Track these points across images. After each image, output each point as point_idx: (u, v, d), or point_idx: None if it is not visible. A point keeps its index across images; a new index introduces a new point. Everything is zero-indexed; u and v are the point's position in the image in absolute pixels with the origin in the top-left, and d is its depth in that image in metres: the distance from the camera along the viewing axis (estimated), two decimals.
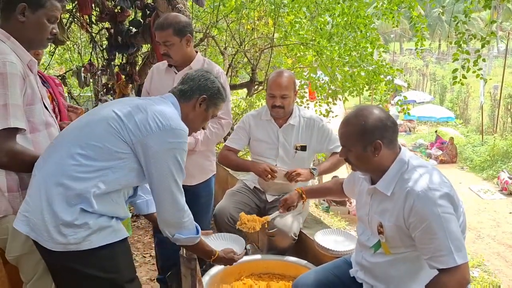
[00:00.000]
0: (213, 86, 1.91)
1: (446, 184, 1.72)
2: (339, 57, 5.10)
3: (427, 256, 1.65)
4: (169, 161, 1.68)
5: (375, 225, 1.84)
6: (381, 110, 1.81)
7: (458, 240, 1.62)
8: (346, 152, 1.82)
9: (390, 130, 1.76)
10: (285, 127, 2.92)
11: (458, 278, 1.60)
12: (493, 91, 18.48)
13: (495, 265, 7.92)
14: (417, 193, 1.66)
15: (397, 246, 1.79)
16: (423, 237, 1.64)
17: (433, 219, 1.61)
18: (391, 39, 35.68)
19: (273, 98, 2.81)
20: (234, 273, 2.72)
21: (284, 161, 2.93)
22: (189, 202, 2.79)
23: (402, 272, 1.83)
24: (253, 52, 5.71)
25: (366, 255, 1.94)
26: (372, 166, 1.79)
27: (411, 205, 1.66)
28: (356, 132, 1.75)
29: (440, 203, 1.63)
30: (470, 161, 14.62)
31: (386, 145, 1.75)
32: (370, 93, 6.26)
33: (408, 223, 1.69)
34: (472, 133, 17.33)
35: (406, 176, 1.73)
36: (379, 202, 1.83)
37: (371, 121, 1.74)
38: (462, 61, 4.55)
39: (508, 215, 10.44)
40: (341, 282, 2.05)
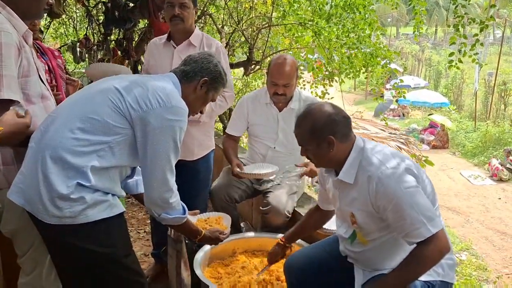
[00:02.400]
0: (216, 70, 1.91)
1: (403, 159, 1.77)
2: (337, 39, 5.07)
3: (403, 233, 1.69)
4: (166, 139, 1.68)
5: (347, 217, 1.89)
6: (330, 105, 1.86)
7: (428, 210, 1.66)
8: (305, 151, 1.87)
9: (341, 124, 1.80)
10: (286, 111, 2.89)
11: (437, 246, 1.64)
12: (488, 78, 18.54)
13: (483, 249, 8.07)
14: (377, 176, 1.70)
15: (372, 231, 1.83)
16: (394, 216, 1.68)
17: (398, 197, 1.65)
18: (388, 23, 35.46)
19: (275, 86, 2.77)
20: (228, 250, 2.75)
21: (283, 144, 2.94)
22: (188, 177, 2.85)
23: (385, 255, 1.89)
24: (251, 31, 5.66)
25: (347, 245, 1.99)
26: (331, 160, 1.84)
27: (374, 189, 1.71)
28: (307, 132, 1.80)
29: (401, 180, 1.68)
30: (462, 147, 14.73)
31: (339, 139, 1.79)
32: (366, 76, 6.25)
33: (377, 206, 1.73)
34: (465, 119, 17.41)
35: (364, 162, 1.78)
36: (346, 193, 1.87)
37: (320, 119, 1.79)
38: (459, 45, 4.55)
39: (498, 200, 10.58)
40: (333, 259, 2.09)
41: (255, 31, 5.59)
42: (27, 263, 1.90)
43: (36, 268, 1.90)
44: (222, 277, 2.53)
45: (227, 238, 2.76)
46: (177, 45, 2.71)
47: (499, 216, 9.60)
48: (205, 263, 2.56)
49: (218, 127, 6.16)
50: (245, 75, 5.81)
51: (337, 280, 2.10)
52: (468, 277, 6.49)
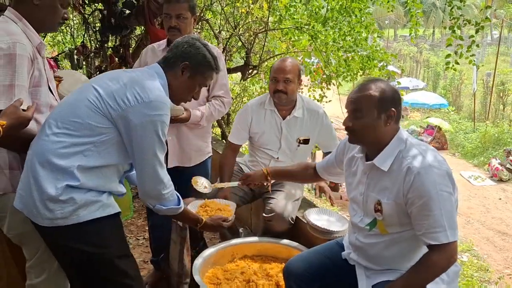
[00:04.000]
0: (197, 53, 1.82)
1: (445, 163, 1.75)
2: (333, 42, 5.08)
3: (421, 231, 1.68)
4: (149, 135, 1.66)
5: (371, 204, 1.84)
6: (393, 85, 1.85)
7: (452, 219, 1.65)
8: (357, 118, 1.77)
9: (400, 105, 1.80)
10: (289, 119, 2.85)
11: (447, 256, 1.64)
12: (486, 78, 18.54)
13: (484, 250, 8.05)
14: (418, 169, 1.68)
15: (393, 224, 1.80)
16: (419, 213, 1.67)
17: (431, 196, 1.64)
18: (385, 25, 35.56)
19: (275, 82, 2.73)
20: (227, 255, 2.74)
21: (285, 154, 2.92)
22: (185, 183, 2.84)
23: (395, 253, 1.86)
24: (248, 36, 5.67)
25: (359, 236, 1.95)
26: (376, 137, 1.78)
27: (411, 181, 1.68)
28: (376, 97, 1.74)
29: (440, 181, 1.66)
30: (461, 148, 14.73)
31: (396, 118, 1.77)
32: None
33: (406, 198, 1.71)
34: (464, 120, 17.43)
35: (405, 154, 1.75)
36: (376, 180, 1.83)
37: (390, 90, 1.77)
38: (455, 47, 4.56)
39: (498, 201, 10.57)
40: (333, 264, 2.08)
41: (252, 36, 5.60)
42: (36, 267, 1.93)
43: (44, 271, 1.92)
44: (221, 282, 2.51)
45: (226, 243, 2.78)
46: None
47: (499, 217, 9.59)
48: (204, 269, 2.55)
49: (216, 132, 6.16)
50: (243, 80, 5.82)
51: (337, 285, 2.09)
52: (470, 278, 6.46)
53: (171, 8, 2.55)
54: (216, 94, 2.79)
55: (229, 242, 2.79)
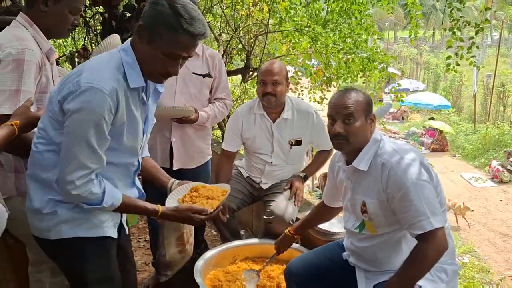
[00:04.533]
0: (154, 10, 1.45)
1: (420, 154, 1.81)
2: (333, 44, 5.09)
3: (407, 224, 1.71)
4: (80, 123, 1.44)
5: (358, 206, 1.89)
6: None
7: (434, 206, 1.68)
8: (348, 124, 1.81)
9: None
10: (279, 121, 2.86)
11: (436, 244, 1.65)
12: (486, 80, 18.53)
13: (486, 252, 8.03)
14: (391, 163, 1.74)
15: (381, 225, 1.84)
16: (401, 205, 1.71)
17: (408, 186, 1.68)
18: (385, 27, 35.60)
19: (264, 85, 2.74)
20: (229, 257, 2.75)
21: (279, 156, 2.93)
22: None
23: (389, 254, 1.89)
24: (248, 38, 5.68)
25: (353, 240, 1.99)
26: (362, 139, 1.85)
27: (387, 176, 1.73)
28: (364, 103, 1.84)
29: (414, 171, 1.71)
30: (462, 149, 14.70)
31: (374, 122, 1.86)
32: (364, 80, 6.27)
33: (386, 193, 1.75)
34: (464, 121, 17.39)
35: (380, 151, 1.81)
36: (359, 182, 1.89)
37: (368, 97, 1.89)
38: (456, 48, 4.57)
39: (499, 202, 10.55)
40: (333, 264, 2.09)
41: (252, 38, 5.61)
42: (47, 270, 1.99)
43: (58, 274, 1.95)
44: (223, 284, 2.52)
45: (228, 245, 2.78)
46: None
47: (501, 218, 9.57)
48: (205, 271, 2.55)
49: (217, 134, 6.17)
50: (243, 82, 5.83)
51: (338, 285, 2.10)
52: (471, 280, 6.45)
53: None
54: (218, 96, 2.85)
55: (231, 244, 2.80)
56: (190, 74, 2.75)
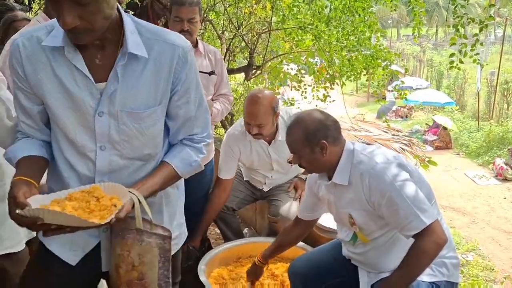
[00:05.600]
0: None
1: (394, 156, 1.80)
2: (337, 41, 5.07)
3: (399, 228, 1.71)
4: None
5: (346, 219, 1.89)
6: (319, 111, 1.90)
7: (421, 202, 1.67)
8: (298, 158, 1.88)
9: (332, 128, 1.85)
10: (275, 144, 2.77)
11: (433, 238, 1.64)
12: (490, 77, 18.45)
13: (489, 250, 8.00)
14: (369, 171, 1.73)
15: (373, 230, 1.83)
16: (388, 210, 1.70)
17: (390, 190, 1.68)
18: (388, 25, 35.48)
19: (248, 125, 2.62)
20: (233, 255, 2.75)
21: (280, 172, 2.92)
22: (194, 182, 2.85)
23: (387, 255, 1.89)
24: (251, 36, 5.67)
25: (350, 248, 2.00)
26: (324, 165, 1.86)
27: (368, 185, 1.73)
28: (300, 139, 1.83)
29: (392, 173, 1.70)
30: (466, 147, 14.66)
31: (331, 143, 1.82)
32: (367, 78, 6.25)
33: (372, 202, 1.74)
34: (468, 119, 17.33)
35: (356, 162, 1.80)
36: (341, 196, 1.87)
37: (311, 125, 1.82)
38: (459, 45, 4.54)
39: (503, 200, 10.51)
40: (338, 263, 2.09)
41: (255, 36, 5.60)
42: None
43: None
44: (227, 282, 2.52)
45: (232, 244, 2.77)
46: None
47: (505, 216, 9.54)
48: (209, 269, 2.56)
49: (220, 133, 6.16)
50: (246, 80, 5.82)
51: (342, 283, 2.09)
52: (475, 278, 6.44)
53: (183, 12, 2.52)
54: (222, 92, 2.85)
55: (235, 243, 2.80)
56: None
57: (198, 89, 1.43)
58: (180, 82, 1.36)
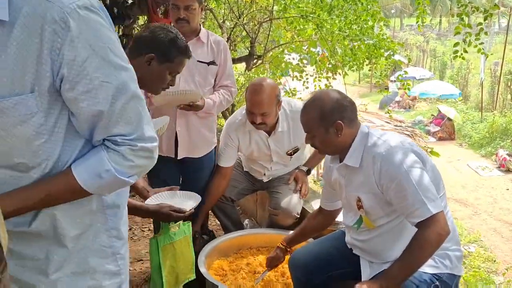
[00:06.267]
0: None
1: (410, 142, 1.78)
2: (339, 31, 5.00)
3: (405, 214, 1.69)
4: None
5: (354, 202, 1.87)
6: (337, 92, 1.87)
7: (430, 192, 1.65)
8: (311, 138, 1.86)
9: (348, 109, 1.82)
10: (275, 135, 2.74)
11: (436, 229, 1.62)
12: (494, 68, 18.29)
13: (491, 241, 7.99)
14: (381, 155, 1.71)
15: (379, 216, 1.81)
16: (397, 196, 1.68)
17: (401, 176, 1.65)
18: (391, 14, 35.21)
19: (251, 115, 2.59)
20: (233, 247, 2.73)
21: (279, 164, 2.90)
22: (192, 174, 2.84)
23: (391, 244, 1.87)
24: (252, 26, 5.61)
25: (353, 235, 1.98)
26: (337, 146, 1.84)
27: (379, 168, 1.70)
28: (316, 118, 1.80)
29: (405, 159, 1.68)
30: (469, 138, 14.59)
31: (347, 124, 1.79)
32: (370, 68, 6.18)
33: (381, 186, 1.72)
34: (471, 110, 17.23)
35: (370, 145, 1.78)
36: (352, 179, 1.86)
37: (328, 104, 1.79)
38: (463, 35, 4.47)
39: (505, 191, 10.48)
40: (339, 254, 2.06)
41: (256, 25, 5.53)
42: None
43: None
44: (227, 274, 2.51)
45: (232, 235, 2.75)
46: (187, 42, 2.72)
47: (507, 207, 9.50)
48: (209, 260, 2.53)
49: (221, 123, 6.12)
50: (247, 70, 5.76)
51: (343, 274, 2.07)
52: (477, 269, 6.42)
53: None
54: (223, 84, 2.81)
55: (235, 234, 2.78)
56: (194, 62, 2.70)
57: (114, 73, 1.01)
58: (65, 61, 0.95)
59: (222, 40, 2.88)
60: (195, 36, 2.71)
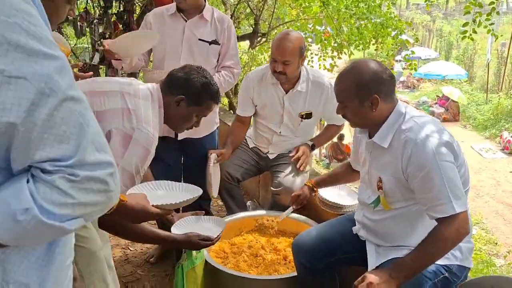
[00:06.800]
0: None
1: (446, 133, 1.67)
2: (346, 9, 4.88)
3: (426, 206, 1.62)
4: None
5: (374, 181, 1.81)
6: (377, 63, 1.75)
7: (457, 188, 1.58)
8: (343, 108, 1.76)
9: (387, 83, 1.71)
10: (292, 93, 2.73)
11: (456, 227, 1.56)
12: (500, 49, 18.04)
13: (493, 223, 7.99)
14: (415, 141, 1.62)
15: (397, 200, 1.75)
16: (422, 186, 1.61)
17: (431, 167, 1.57)
18: None
19: (274, 63, 2.60)
20: (235, 229, 2.69)
21: (288, 128, 2.84)
22: (193, 154, 2.79)
23: (403, 228, 1.81)
24: (257, 2, 5.48)
25: (366, 213, 1.91)
26: (370, 121, 1.75)
27: (409, 154, 1.62)
28: (352, 87, 1.70)
29: (439, 151, 1.59)
30: (473, 120, 14.50)
31: (383, 99, 1.69)
32: (376, 47, 6.06)
33: (407, 173, 1.65)
34: (476, 91, 17.07)
35: (404, 127, 1.68)
36: (378, 157, 1.79)
37: (367, 75, 1.68)
38: (473, 15, 4.35)
39: (509, 174, 10.45)
40: (344, 239, 2.01)
41: (261, 2, 5.41)
42: None
43: None
44: (228, 256, 2.47)
45: (234, 217, 2.72)
46: (188, 19, 2.63)
47: (510, 190, 9.49)
48: None
49: (224, 102, 6.05)
50: (251, 48, 5.66)
51: (348, 260, 2.03)
52: (478, 252, 6.43)
53: None
54: (225, 65, 2.73)
55: (237, 216, 2.74)
56: (196, 41, 2.63)
57: (31, 63, 0.68)
58: None
59: (227, 18, 2.78)
60: (199, 13, 2.63)
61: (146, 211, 1.54)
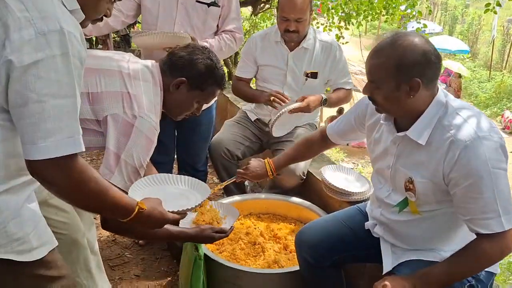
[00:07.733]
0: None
1: (496, 130, 1.41)
2: None
3: (467, 217, 1.38)
4: None
5: (401, 180, 1.54)
6: (425, 39, 1.42)
7: (508, 201, 1.34)
8: (373, 89, 1.45)
9: (434, 67, 1.40)
10: (297, 50, 2.59)
11: (502, 246, 1.35)
12: (506, 25, 17.65)
13: None
14: (463, 142, 1.35)
15: (428, 203, 1.51)
16: (466, 195, 1.36)
17: (481, 175, 1.32)
18: None
19: (286, 21, 2.45)
20: None
21: (292, 88, 2.65)
22: (188, 129, 2.57)
23: (428, 232, 1.58)
24: None
25: (385, 212, 1.67)
26: (403, 108, 1.45)
27: (456, 157, 1.36)
28: (391, 66, 1.38)
29: (493, 156, 1.34)
30: (474, 97, 14.28)
31: (425, 85, 1.40)
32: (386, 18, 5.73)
33: (449, 178, 1.39)
34: (479, 68, 16.78)
35: (447, 122, 1.41)
36: (408, 153, 1.51)
37: (412, 54, 1.37)
38: None
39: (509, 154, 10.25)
40: (354, 234, 1.80)
41: None
42: None
43: None
44: (224, 243, 2.28)
45: (231, 199, 2.51)
46: None
47: (510, 171, 9.34)
48: None
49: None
50: (253, 15, 5.34)
51: (357, 258, 1.84)
52: None
53: None
54: (226, 29, 2.53)
55: (234, 198, 2.55)
56: (193, 2, 2.39)
57: None
58: None
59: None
60: None
61: (164, 218, 1.43)
